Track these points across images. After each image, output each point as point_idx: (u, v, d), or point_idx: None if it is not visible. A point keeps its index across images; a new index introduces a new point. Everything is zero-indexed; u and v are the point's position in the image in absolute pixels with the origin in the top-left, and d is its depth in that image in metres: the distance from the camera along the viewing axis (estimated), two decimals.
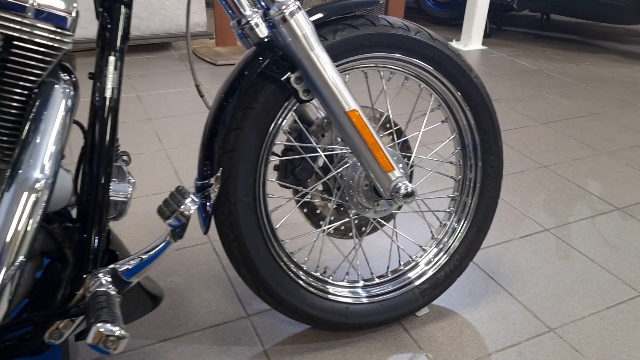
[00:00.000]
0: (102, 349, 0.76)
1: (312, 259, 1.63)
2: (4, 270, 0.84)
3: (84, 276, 0.98)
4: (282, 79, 1.15)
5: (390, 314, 1.42)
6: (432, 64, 1.31)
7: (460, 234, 1.47)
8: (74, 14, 0.94)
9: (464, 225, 1.47)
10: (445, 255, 1.47)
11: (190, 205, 0.92)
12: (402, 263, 1.49)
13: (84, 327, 1.01)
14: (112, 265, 0.92)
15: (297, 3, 1.09)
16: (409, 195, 1.21)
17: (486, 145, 1.43)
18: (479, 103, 1.38)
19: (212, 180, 1.16)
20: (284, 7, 1.07)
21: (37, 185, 0.89)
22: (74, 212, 1.04)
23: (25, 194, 0.88)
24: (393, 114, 1.36)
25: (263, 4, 1.09)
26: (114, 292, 0.85)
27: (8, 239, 0.85)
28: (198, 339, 1.39)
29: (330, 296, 1.36)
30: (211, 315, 1.48)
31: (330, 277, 1.39)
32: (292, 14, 1.07)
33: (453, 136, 1.44)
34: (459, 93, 1.36)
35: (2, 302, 0.84)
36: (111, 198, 1.02)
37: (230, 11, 1.27)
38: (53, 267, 1.04)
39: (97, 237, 0.99)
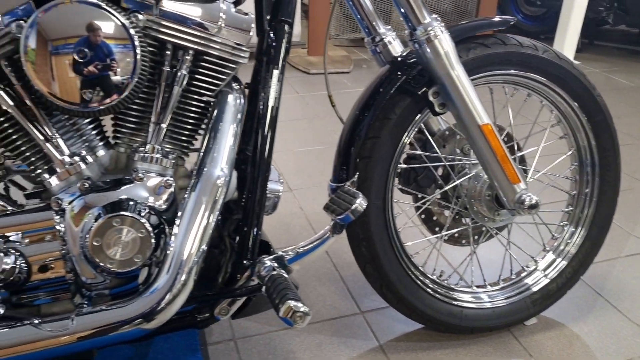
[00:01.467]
0: (290, 321, 0.88)
1: (425, 262, 1.70)
2: (193, 255, 0.98)
3: (244, 262, 1.11)
4: (419, 93, 1.24)
5: (501, 321, 1.47)
6: (556, 81, 1.36)
7: (574, 247, 1.50)
8: (251, 33, 1.07)
9: (578, 239, 1.50)
10: (558, 267, 1.50)
11: (363, 204, 1.03)
12: (514, 272, 1.54)
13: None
14: (279, 253, 1.04)
15: (442, 25, 1.18)
16: (534, 207, 1.27)
17: (605, 161, 1.46)
18: (600, 120, 1.42)
19: (348, 183, 1.27)
20: (429, 28, 1.17)
21: (218, 182, 1.03)
22: None
23: (209, 190, 1.02)
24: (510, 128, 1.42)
25: (410, 24, 1.19)
26: (283, 275, 0.97)
27: (195, 228, 1.00)
28: (318, 330, 1.50)
29: (446, 299, 1.43)
30: (327, 309, 1.59)
31: (446, 281, 1.47)
32: (436, 35, 1.17)
33: (571, 152, 1.48)
34: (581, 110, 1.40)
35: (189, 282, 0.98)
36: (267, 195, 1.15)
37: (366, 29, 1.39)
38: (211, 252, 1.18)
39: (255, 229, 1.12)
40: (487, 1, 4.29)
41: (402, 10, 1.19)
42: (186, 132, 1.10)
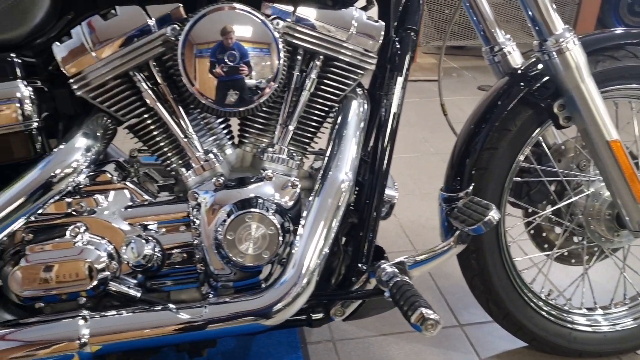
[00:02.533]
0: (420, 327, 0.89)
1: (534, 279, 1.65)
2: (316, 256, 1.01)
3: (359, 265, 1.12)
4: (543, 105, 1.21)
5: (613, 346, 1.40)
6: None
7: None
8: (380, 40, 1.09)
9: None
10: None
11: (496, 216, 1.02)
12: (628, 297, 1.46)
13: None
14: (401, 259, 1.05)
15: (575, 36, 1.14)
16: None
17: None
18: None
19: (462, 194, 1.25)
20: (562, 39, 1.13)
21: (342, 187, 1.05)
22: None
23: (333, 194, 1.04)
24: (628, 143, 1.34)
25: (541, 34, 1.16)
26: (409, 282, 0.98)
27: (319, 230, 1.02)
28: (416, 339, 1.49)
29: (554, 318, 1.38)
30: None
31: (554, 300, 1.41)
32: (568, 46, 1.13)
33: None
34: None
35: (312, 282, 1.01)
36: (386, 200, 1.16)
37: (485, 38, 1.37)
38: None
39: (371, 234, 1.13)
40: (586, 12, 4.10)
41: (533, 19, 1.16)
42: (309, 135, 1.13)
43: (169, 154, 1.08)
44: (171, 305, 0.98)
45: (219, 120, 1.11)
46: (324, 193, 1.03)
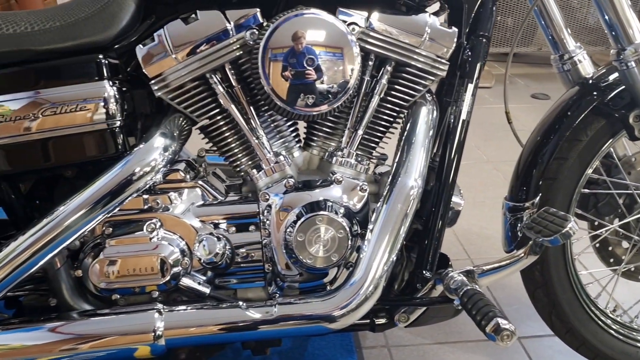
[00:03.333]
0: (494, 336, 0.88)
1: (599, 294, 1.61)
2: (384, 262, 1.01)
3: (424, 272, 1.11)
4: (617, 115, 1.18)
5: None
6: None
7: None
8: (452, 46, 1.08)
9: None
10: None
11: (574, 227, 1.00)
12: None
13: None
14: (470, 267, 1.04)
15: None
16: None
17: None
18: None
19: (528, 204, 1.23)
20: None
21: (411, 193, 1.04)
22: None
23: (402, 200, 1.04)
24: None
25: (619, 43, 1.13)
26: (480, 291, 0.97)
27: (388, 236, 1.02)
28: (472, 349, 1.47)
29: (620, 336, 1.33)
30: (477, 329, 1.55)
31: (620, 317, 1.37)
32: None
33: None
34: None
35: (379, 287, 1.01)
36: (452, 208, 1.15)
37: (554, 45, 1.34)
38: None
39: (436, 241, 1.13)
40: None
41: (611, 27, 1.13)
42: (376, 140, 1.14)
43: (239, 155, 1.11)
44: (242, 303, 1.00)
45: (288, 123, 1.13)
46: (393, 199, 1.04)
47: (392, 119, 1.13)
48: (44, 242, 0.95)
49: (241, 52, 1.03)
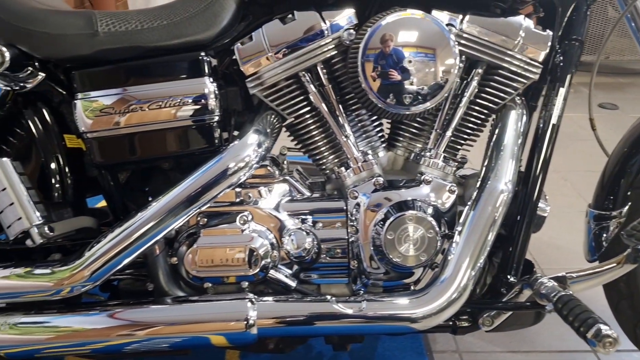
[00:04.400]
0: (596, 344, 0.87)
1: None
2: (473, 265, 1.01)
3: (508, 277, 1.10)
4: None
5: None
6: None
7: None
8: (547, 50, 1.07)
9: None
10: None
11: None
12: None
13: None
14: (562, 274, 1.03)
15: None
16: None
17: None
18: None
19: (615, 213, 1.20)
20: None
21: (501, 197, 1.04)
22: None
23: (492, 204, 1.03)
24: None
25: None
26: (576, 297, 0.96)
27: (476, 239, 1.02)
28: None
29: None
30: (554, 339, 1.51)
31: None
32: None
33: None
34: None
35: (467, 290, 1.01)
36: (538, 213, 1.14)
37: None
38: None
39: (522, 247, 1.11)
40: None
41: None
42: (462, 142, 1.14)
43: (325, 153, 1.13)
44: (331, 297, 1.02)
45: (374, 123, 1.15)
46: (483, 202, 1.03)
47: (480, 122, 1.13)
48: (147, 229, 1.00)
49: (335, 51, 1.06)
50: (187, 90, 1.03)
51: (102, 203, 1.20)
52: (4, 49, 0.95)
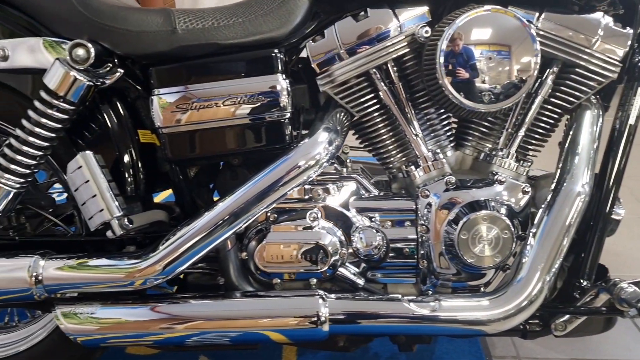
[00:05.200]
0: None
1: None
2: (549, 268, 0.98)
3: (581, 281, 1.07)
4: None
5: None
6: None
7: None
8: (626, 48, 1.04)
9: None
10: None
11: None
12: None
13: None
14: None
15: None
16: None
17: None
18: None
19: None
20: None
21: (578, 200, 1.01)
22: None
23: (568, 206, 1.01)
24: None
25: None
26: None
27: (552, 242, 0.99)
28: None
29: None
30: (620, 349, 1.47)
31: None
32: None
33: None
34: None
35: (542, 294, 0.98)
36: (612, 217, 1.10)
37: None
38: None
39: (596, 251, 1.08)
40: None
41: None
42: (534, 142, 1.11)
43: (393, 151, 1.12)
44: (402, 297, 1.01)
45: (443, 122, 1.13)
46: (559, 205, 1.01)
47: (553, 122, 1.10)
48: (220, 224, 1.01)
49: (407, 49, 1.05)
50: (261, 87, 1.04)
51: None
52: (90, 45, 0.98)
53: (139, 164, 1.12)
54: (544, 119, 1.09)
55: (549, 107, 1.08)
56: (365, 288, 1.09)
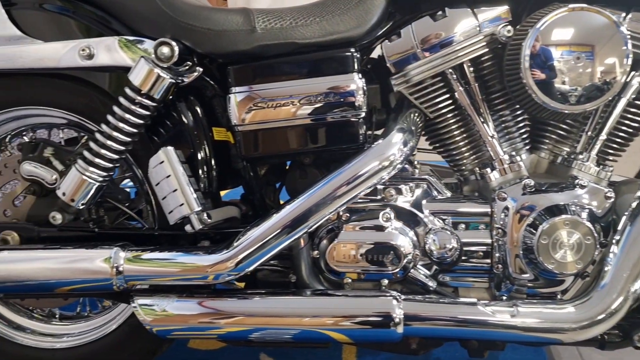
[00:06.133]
0: None
1: None
2: (632, 277, 0.94)
3: None
4: None
5: None
6: None
7: None
8: None
9: None
10: None
11: None
12: None
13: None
14: None
15: None
16: None
17: None
18: None
19: None
20: None
21: None
22: None
23: None
24: None
25: None
26: None
27: (637, 254, 0.96)
28: None
29: None
30: None
31: None
32: None
33: None
34: None
35: (625, 305, 0.95)
36: None
37: None
38: None
39: None
40: None
41: None
42: (615, 146, 1.07)
43: (466, 153, 1.11)
44: (479, 300, 0.99)
45: (518, 124, 1.10)
46: None
47: (637, 126, 1.06)
48: (294, 223, 1.02)
49: (486, 49, 1.03)
50: (337, 86, 1.04)
51: None
52: (174, 43, 1.00)
53: (212, 162, 1.14)
54: (627, 122, 1.05)
55: (633, 109, 1.04)
56: (436, 291, 1.07)
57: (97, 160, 1.05)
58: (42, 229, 1.14)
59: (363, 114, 1.06)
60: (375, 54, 1.15)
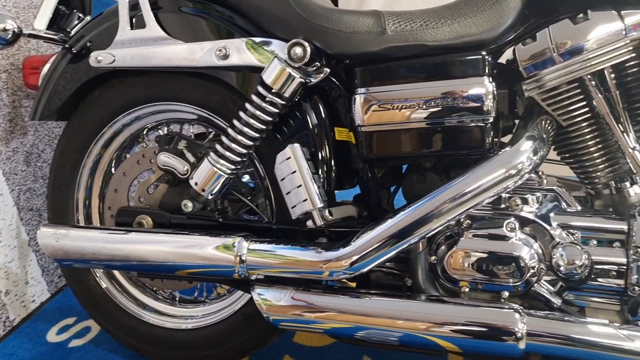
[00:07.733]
0: None
1: None
2: None
3: None
4: None
5: None
6: None
7: None
8: None
9: None
10: None
11: None
12: None
13: None
14: None
15: None
16: None
17: None
18: None
19: None
20: None
21: None
22: None
23: None
24: None
25: None
26: None
27: None
28: None
29: None
30: None
31: None
32: None
33: None
34: None
35: None
36: None
37: None
38: None
39: None
40: None
41: None
42: None
43: (600, 165, 1.04)
44: (612, 323, 0.92)
45: None
46: None
47: None
48: (413, 226, 1.01)
49: (632, 54, 0.96)
50: (466, 90, 1.02)
51: None
52: (306, 44, 1.04)
53: (332, 161, 1.16)
54: None
55: None
56: (560, 309, 1.01)
57: (228, 153, 1.11)
58: (173, 216, 1.22)
59: (491, 119, 1.03)
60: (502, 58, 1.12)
